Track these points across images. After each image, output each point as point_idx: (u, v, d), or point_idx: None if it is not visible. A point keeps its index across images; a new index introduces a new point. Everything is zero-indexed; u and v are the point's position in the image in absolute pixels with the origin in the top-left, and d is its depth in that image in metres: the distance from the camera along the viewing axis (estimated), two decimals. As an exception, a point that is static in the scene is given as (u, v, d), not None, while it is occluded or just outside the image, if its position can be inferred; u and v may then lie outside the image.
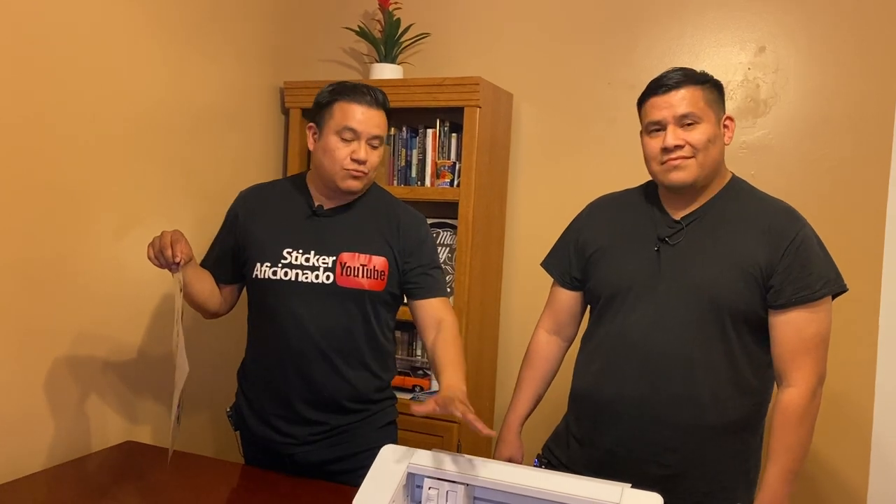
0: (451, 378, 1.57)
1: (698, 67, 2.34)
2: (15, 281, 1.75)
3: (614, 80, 2.46)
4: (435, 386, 2.42)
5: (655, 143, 1.54)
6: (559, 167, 2.54)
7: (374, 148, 1.71)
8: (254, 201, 1.84)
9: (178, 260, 1.59)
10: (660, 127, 1.53)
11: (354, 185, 1.71)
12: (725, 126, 1.57)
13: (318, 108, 1.72)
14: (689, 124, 1.51)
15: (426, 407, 1.38)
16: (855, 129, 2.19)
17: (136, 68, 2.04)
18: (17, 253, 1.75)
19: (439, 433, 2.29)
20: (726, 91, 2.30)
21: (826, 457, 2.23)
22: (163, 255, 1.59)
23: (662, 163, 1.54)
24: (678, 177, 1.52)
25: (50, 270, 1.84)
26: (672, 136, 1.51)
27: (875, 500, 2.19)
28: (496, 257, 2.58)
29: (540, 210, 2.57)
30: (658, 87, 1.54)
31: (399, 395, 1.94)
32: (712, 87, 1.56)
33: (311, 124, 1.74)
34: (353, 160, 1.68)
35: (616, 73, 2.46)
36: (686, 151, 1.51)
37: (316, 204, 1.77)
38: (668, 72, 1.56)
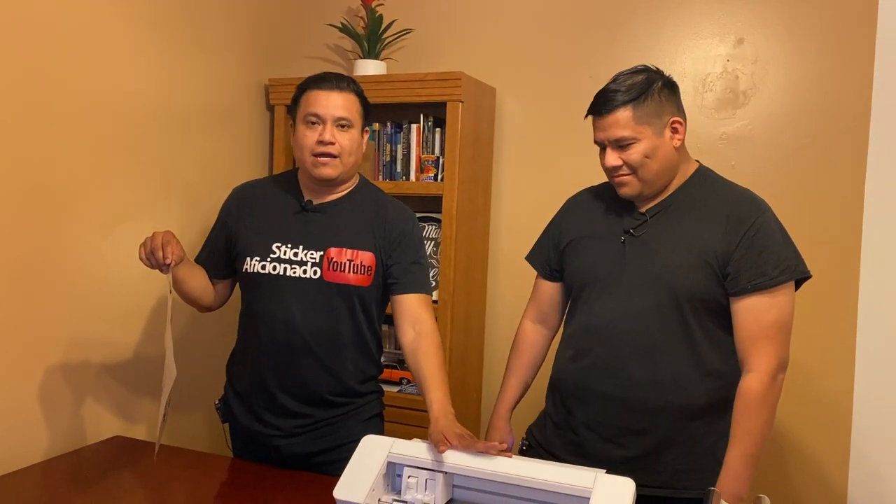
0: (438, 405, 1.57)
1: (678, 59, 2.38)
2: (2, 279, 1.76)
3: (596, 73, 2.46)
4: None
5: (603, 160, 1.62)
6: (543, 160, 2.56)
7: (343, 129, 1.70)
8: (246, 197, 1.86)
9: (168, 262, 1.60)
10: (602, 146, 1.61)
11: (326, 171, 1.71)
12: (674, 129, 1.57)
13: (292, 104, 1.75)
14: (623, 146, 1.56)
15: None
16: (833, 118, 2.21)
17: (120, 66, 2.05)
18: (3, 251, 1.76)
19: (426, 425, 2.30)
20: (705, 83, 2.35)
21: (806, 444, 2.26)
22: (154, 257, 1.61)
23: (611, 177, 1.63)
24: (623, 192, 1.62)
25: (37, 268, 1.85)
26: (610, 158, 1.59)
27: (855, 488, 2.22)
28: (481, 250, 2.60)
29: (524, 203, 2.59)
30: (594, 109, 1.60)
31: (386, 388, 1.96)
32: (652, 98, 1.55)
33: (291, 121, 1.77)
34: (319, 142, 1.68)
35: (598, 67, 2.47)
36: (624, 170, 1.58)
37: (305, 199, 1.79)
38: (606, 88, 1.58)
